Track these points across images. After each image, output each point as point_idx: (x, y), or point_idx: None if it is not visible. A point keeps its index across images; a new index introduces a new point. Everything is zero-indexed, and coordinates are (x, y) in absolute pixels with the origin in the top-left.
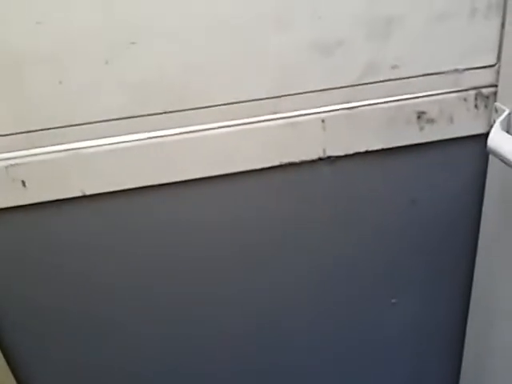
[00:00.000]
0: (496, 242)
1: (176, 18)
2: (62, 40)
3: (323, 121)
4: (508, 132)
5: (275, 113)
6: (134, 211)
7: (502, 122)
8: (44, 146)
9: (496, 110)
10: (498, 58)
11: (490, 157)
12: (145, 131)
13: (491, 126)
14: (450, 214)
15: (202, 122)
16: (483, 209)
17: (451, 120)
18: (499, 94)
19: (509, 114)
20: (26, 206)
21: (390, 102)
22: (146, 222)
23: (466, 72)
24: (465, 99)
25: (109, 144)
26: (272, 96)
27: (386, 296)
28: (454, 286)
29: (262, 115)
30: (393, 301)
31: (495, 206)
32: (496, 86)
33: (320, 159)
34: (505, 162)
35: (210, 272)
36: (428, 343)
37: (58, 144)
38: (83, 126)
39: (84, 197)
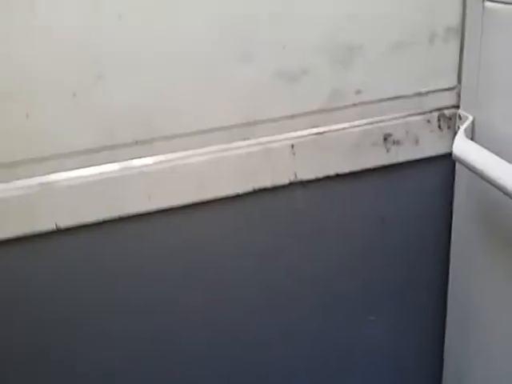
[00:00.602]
0: (467, 255)
1: (143, 52)
2: (28, 74)
3: (293, 146)
4: (472, 139)
5: (245, 139)
6: (108, 243)
7: (466, 130)
8: (10, 182)
9: (460, 118)
10: (459, 79)
11: (457, 174)
12: (115, 161)
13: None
14: (421, 231)
15: (173, 151)
16: (453, 224)
17: (416, 141)
18: (462, 102)
19: (472, 121)
20: None
21: (357, 125)
22: (120, 253)
23: (429, 94)
24: (428, 121)
25: (79, 176)
26: (241, 123)
27: (363, 314)
28: (429, 300)
29: (233, 142)
30: (370, 318)
31: (464, 220)
32: (458, 107)
33: (292, 183)
34: (470, 169)
35: (188, 302)
36: (406, 358)
37: (25, 178)
38: (52, 160)
39: (58, 231)
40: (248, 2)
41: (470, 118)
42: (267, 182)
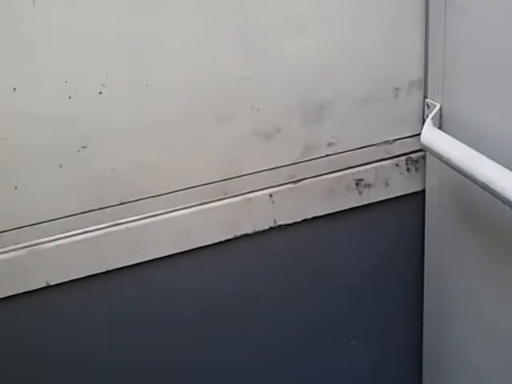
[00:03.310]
0: (440, 287)
1: (124, 123)
2: (16, 149)
3: (271, 195)
4: (440, 128)
5: (226, 193)
6: (97, 296)
7: (433, 118)
8: (4, 247)
9: (428, 106)
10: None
11: (426, 210)
12: (102, 222)
13: (424, 180)
14: (395, 263)
15: (157, 208)
16: (425, 257)
17: (387, 183)
18: (429, 90)
19: (440, 108)
20: None
21: (330, 173)
22: (108, 305)
23: (396, 142)
24: (397, 165)
25: (66, 236)
26: (221, 179)
27: (345, 338)
28: (405, 330)
29: (214, 197)
30: (352, 342)
31: (435, 253)
32: (424, 150)
33: (272, 228)
34: (438, 158)
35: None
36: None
37: (15, 244)
38: (40, 225)
39: (48, 287)
40: (221, 69)
41: (438, 106)
42: (248, 229)
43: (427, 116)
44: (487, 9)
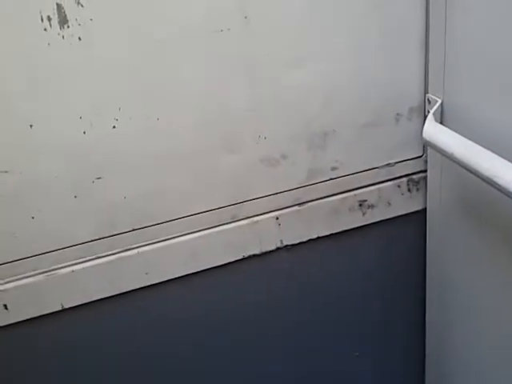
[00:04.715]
0: (441, 304)
1: (136, 154)
2: (33, 182)
3: (277, 218)
4: (441, 123)
5: (233, 217)
6: (109, 318)
7: (435, 113)
8: (22, 273)
9: (429, 101)
10: (424, 149)
11: (428, 228)
12: (114, 248)
13: (425, 199)
14: (398, 279)
15: (168, 233)
16: (427, 271)
17: (389, 204)
18: (430, 85)
19: (441, 104)
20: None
21: (334, 195)
22: (121, 326)
23: (397, 164)
24: (398, 186)
25: (80, 262)
26: (229, 204)
27: (350, 350)
28: (407, 343)
29: (222, 221)
30: (356, 354)
31: (436, 268)
32: (425, 171)
33: (278, 248)
34: (441, 153)
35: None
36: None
37: (34, 270)
38: (57, 252)
39: (63, 310)
40: (228, 101)
41: (439, 102)
42: (256, 250)
43: (428, 111)
44: (488, 4)
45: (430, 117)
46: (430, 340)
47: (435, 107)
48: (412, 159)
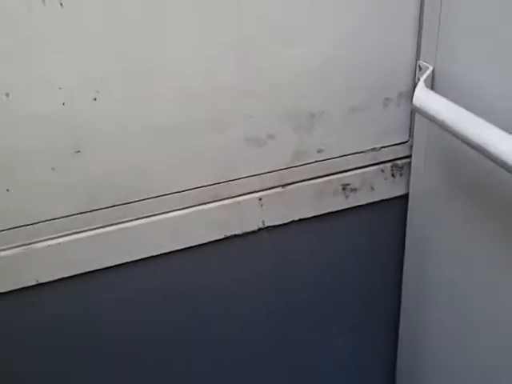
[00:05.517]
0: (417, 291)
1: (117, 128)
2: (9, 152)
3: (260, 199)
4: (432, 89)
5: (217, 197)
6: (86, 294)
7: (426, 81)
8: None
9: (420, 68)
10: (410, 134)
11: (409, 213)
12: (94, 224)
13: (407, 184)
14: (378, 263)
15: (150, 210)
16: (405, 254)
17: (372, 188)
18: (422, 52)
19: (432, 70)
20: None
21: (318, 177)
22: (98, 303)
23: (383, 149)
24: (382, 170)
25: (57, 237)
26: (213, 183)
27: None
28: (383, 328)
29: (205, 200)
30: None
31: (414, 255)
32: (409, 156)
33: (260, 229)
34: (431, 120)
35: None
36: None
37: (9, 243)
38: (32, 226)
39: (39, 285)
40: (215, 77)
41: (430, 68)
42: (237, 230)
43: (419, 78)
44: None
45: (420, 83)
46: (405, 325)
47: (426, 74)
48: (397, 144)
